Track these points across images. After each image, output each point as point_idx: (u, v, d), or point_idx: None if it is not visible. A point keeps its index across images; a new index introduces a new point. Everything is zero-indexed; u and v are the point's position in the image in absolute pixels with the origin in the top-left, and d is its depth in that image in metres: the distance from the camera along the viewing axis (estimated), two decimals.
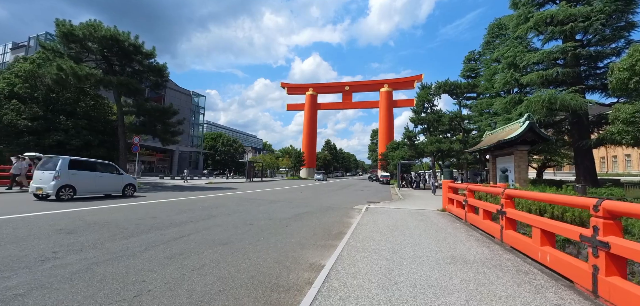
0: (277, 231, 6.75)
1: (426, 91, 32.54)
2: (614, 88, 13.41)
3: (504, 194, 5.68)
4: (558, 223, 4.05)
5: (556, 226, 3.98)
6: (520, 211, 5.50)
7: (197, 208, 10.17)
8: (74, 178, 11.72)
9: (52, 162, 11.62)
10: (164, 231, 6.33)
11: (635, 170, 49.57)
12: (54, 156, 12.27)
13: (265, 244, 5.57)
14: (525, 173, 15.01)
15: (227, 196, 15.44)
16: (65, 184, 11.37)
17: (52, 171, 11.21)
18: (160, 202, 11.56)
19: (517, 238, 5.12)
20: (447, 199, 10.74)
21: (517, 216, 5.18)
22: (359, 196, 18.89)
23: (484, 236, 6.41)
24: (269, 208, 10.81)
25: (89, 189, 12.49)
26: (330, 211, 10.95)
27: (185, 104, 62.37)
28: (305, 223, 8.08)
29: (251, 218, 8.36)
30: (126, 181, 14.12)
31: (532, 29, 17.63)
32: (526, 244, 4.74)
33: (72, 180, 11.61)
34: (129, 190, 14.06)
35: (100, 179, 13.02)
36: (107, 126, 23.51)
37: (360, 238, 6.01)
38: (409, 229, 7.03)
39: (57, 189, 11.04)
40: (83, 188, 12.12)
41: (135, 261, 4.28)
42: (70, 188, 11.56)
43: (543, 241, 4.31)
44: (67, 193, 11.41)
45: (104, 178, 13.19)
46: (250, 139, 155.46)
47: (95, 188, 12.78)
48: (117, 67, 22.27)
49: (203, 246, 5.27)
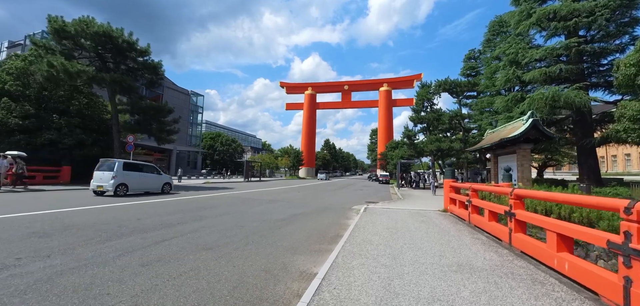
0: (269, 234, 6.32)
1: (426, 89, 32.12)
2: (620, 85, 12.99)
3: (513, 194, 5.25)
4: (579, 227, 3.62)
5: (577, 231, 3.55)
6: (533, 213, 5.06)
7: (188, 208, 9.73)
8: (126, 177, 13.68)
9: (109, 164, 13.53)
10: (147, 234, 5.89)
11: (635, 169, 49.25)
12: (110, 159, 14.34)
13: (253, 249, 5.13)
14: (528, 172, 14.60)
15: (222, 196, 14.99)
16: (121, 182, 13.31)
17: (110, 172, 13.11)
18: (151, 202, 11.11)
19: (528, 242, 4.69)
20: (449, 199, 10.32)
21: (528, 218, 4.75)
22: (358, 196, 18.46)
23: (490, 239, 5.99)
24: (263, 209, 10.37)
25: (137, 187, 14.39)
26: (327, 212, 10.52)
27: (183, 104, 61.90)
28: (300, 224, 7.65)
29: (243, 220, 7.92)
30: (164, 180, 16.29)
31: (534, 25, 17.22)
32: (539, 250, 4.31)
33: (125, 179, 13.58)
34: (166, 188, 16.11)
35: (145, 179, 15.01)
36: (102, 124, 23.03)
37: (358, 242, 5.57)
38: (409, 232, 6.60)
39: (115, 186, 12.98)
40: (133, 186, 14.05)
41: (104, 269, 3.84)
42: (124, 186, 13.50)
43: (560, 247, 3.88)
44: (122, 189, 13.31)
45: (147, 177, 15.21)
46: (249, 139, 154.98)
47: (142, 186, 14.71)
48: (111, 64, 21.79)
49: (185, 251, 4.83)
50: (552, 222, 4.01)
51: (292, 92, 78.79)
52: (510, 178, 11.37)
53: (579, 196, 3.76)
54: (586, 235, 3.37)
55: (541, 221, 4.30)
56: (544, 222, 4.18)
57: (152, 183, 15.39)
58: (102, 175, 13.25)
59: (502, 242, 5.68)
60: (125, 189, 13.56)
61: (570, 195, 4.08)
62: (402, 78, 72.18)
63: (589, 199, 3.49)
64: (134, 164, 14.89)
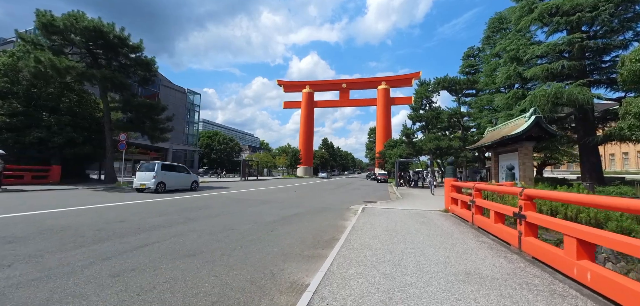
0: (260, 238, 5.88)
1: (425, 87, 31.74)
2: (625, 81, 12.63)
3: (523, 194, 4.85)
4: (606, 233, 3.22)
5: (603, 237, 3.14)
6: (547, 216, 4.64)
7: (177, 209, 9.27)
8: (164, 176, 15.90)
9: (149, 165, 15.89)
10: (127, 238, 5.44)
11: (633, 168, 49.22)
12: (151, 161, 16.98)
13: (241, 255, 4.70)
14: (530, 170, 14.24)
15: (216, 196, 14.53)
16: (160, 181, 15.45)
17: (151, 172, 15.36)
18: (139, 203, 10.64)
19: (542, 248, 4.28)
20: (450, 199, 9.93)
21: (542, 222, 4.34)
22: (356, 196, 18.06)
23: (497, 243, 5.59)
24: (257, 210, 9.93)
25: (172, 184, 16.49)
26: (324, 212, 10.10)
27: (180, 102, 61.23)
28: (294, 226, 7.21)
29: (234, 222, 7.47)
30: (193, 179, 18.51)
31: (536, 21, 16.85)
32: (556, 257, 3.91)
33: (163, 178, 15.80)
34: (194, 185, 18.31)
35: (178, 177, 17.21)
36: (93, 122, 22.44)
37: (355, 246, 5.15)
38: (410, 235, 6.18)
39: (156, 184, 15.15)
40: (169, 183, 16.19)
41: (68, 281, 3.39)
42: (163, 184, 15.67)
43: (580, 254, 3.48)
44: (161, 187, 15.45)
45: (180, 176, 17.44)
46: (247, 137, 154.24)
47: (175, 183, 16.82)
48: (103, 61, 21.24)
49: (166, 258, 4.39)
50: (571, 226, 3.60)
51: (289, 90, 78.25)
52: (513, 177, 11.00)
53: (598, 197, 3.37)
54: (617, 243, 2.96)
55: (558, 225, 3.89)
56: (562, 226, 3.77)
57: (183, 181, 17.59)
58: (144, 175, 15.45)
59: (510, 246, 5.28)
60: (163, 186, 15.69)
61: (588, 196, 3.67)
62: (400, 76, 71.84)
63: (610, 201, 3.08)
64: (170, 165, 17.25)
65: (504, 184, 10.26)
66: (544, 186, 11.35)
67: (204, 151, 70.77)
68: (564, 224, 3.75)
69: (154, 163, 15.80)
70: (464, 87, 30.90)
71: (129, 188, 17.85)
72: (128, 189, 17.48)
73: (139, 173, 15.82)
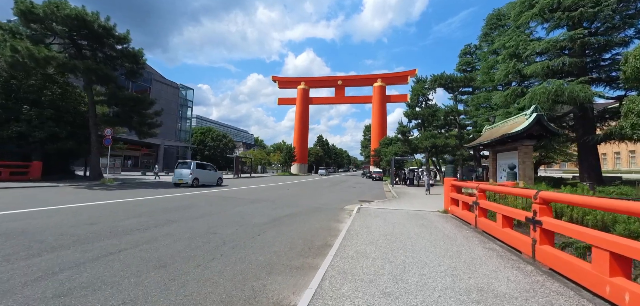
0: (244, 244, 5.28)
1: (421, 84, 31.31)
2: (628, 78, 12.28)
3: (538, 197, 4.32)
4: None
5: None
6: (569, 224, 4.09)
7: (158, 209, 8.61)
8: (198, 173, 18.26)
9: (186, 164, 18.36)
10: (91, 245, 4.80)
11: (625, 167, 49.66)
12: (188, 160, 18.52)
13: (220, 265, 4.09)
14: (531, 169, 13.88)
15: (204, 194, 13.85)
16: (195, 177, 17.83)
17: (188, 169, 17.79)
18: (119, 202, 9.94)
19: (561, 259, 3.76)
20: (450, 199, 9.44)
21: (564, 230, 3.81)
22: (351, 194, 17.53)
23: (506, 250, 5.07)
24: (245, 210, 9.31)
25: (204, 180, 18.74)
26: (317, 213, 9.52)
27: (172, 97, 60.02)
28: (284, 230, 6.63)
29: (218, 224, 6.85)
30: (219, 176, 20.76)
31: (536, 16, 16.46)
32: (581, 271, 3.39)
33: (198, 175, 18.17)
34: (220, 181, 20.48)
35: (208, 174, 19.42)
36: (77, 116, 21.47)
37: (350, 255, 4.59)
38: (410, 240, 5.64)
39: (192, 180, 17.51)
40: (202, 180, 18.49)
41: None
42: (197, 179, 17.99)
43: (614, 271, 2.96)
44: (196, 182, 17.79)
45: (209, 174, 19.67)
46: (241, 134, 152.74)
47: (206, 180, 19.02)
48: (88, 52, 20.30)
49: (130, 271, 3.77)
50: (602, 237, 3.08)
51: (284, 87, 77.39)
52: (514, 176, 10.56)
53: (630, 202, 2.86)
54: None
55: (585, 235, 3.37)
56: (591, 236, 3.25)
57: (211, 177, 19.74)
58: (182, 172, 17.96)
59: (522, 255, 4.77)
60: (198, 182, 18.07)
61: (624, 202, 3.15)
62: (396, 74, 71.47)
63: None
64: (201, 163, 19.63)
65: (505, 184, 9.81)
66: (545, 186, 10.95)
67: (197, 147, 69.61)
68: (594, 235, 3.22)
69: (190, 162, 18.37)
70: (461, 85, 30.57)
71: (113, 186, 17.07)
72: (112, 186, 16.71)
73: (177, 170, 18.25)
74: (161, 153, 52.55)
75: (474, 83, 28.63)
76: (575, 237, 3.55)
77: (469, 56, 32.09)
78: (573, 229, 3.61)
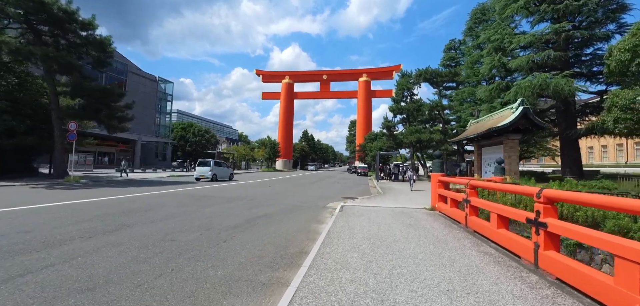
0: (205, 254, 4.49)
1: (406, 79, 31.04)
2: (612, 72, 12.24)
3: (541, 196, 3.77)
4: None
5: None
6: (584, 228, 3.49)
7: (116, 212, 7.62)
8: (216, 169, 21.42)
9: (206, 161, 21.48)
10: (11, 260, 3.87)
11: (597, 161, 51.77)
12: (207, 158, 22.85)
13: (164, 285, 3.30)
14: (516, 164, 13.66)
15: (174, 193, 12.81)
16: (214, 173, 20.90)
17: (208, 167, 20.85)
18: (73, 204, 8.83)
19: (573, 269, 3.21)
20: (438, 195, 8.95)
21: (575, 235, 3.26)
22: (335, 190, 16.91)
23: (503, 254, 4.54)
24: (217, 210, 8.46)
25: (220, 176, 21.76)
26: (297, 212, 8.80)
27: (150, 91, 57.42)
28: (256, 233, 5.86)
29: (179, 229, 6.00)
30: (230, 171, 24.47)
31: (521, 9, 16.28)
32: (600, 285, 2.83)
33: (216, 171, 21.31)
34: (231, 176, 23.80)
35: (223, 170, 22.81)
36: (39, 109, 19.68)
37: (328, 266, 3.90)
38: (397, 244, 5.03)
39: (212, 175, 20.51)
40: (219, 175, 21.56)
41: None
42: (216, 175, 21.04)
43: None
44: (214, 177, 20.85)
45: (224, 170, 23.12)
46: (225, 129, 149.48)
47: (222, 175, 22.10)
48: (49, 38, 18.57)
49: (43, 296, 2.92)
50: (631, 247, 2.52)
51: (268, 81, 75.80)
52: (502, 171, 10.22)
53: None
54: None
55: (605, 242, 2.81)
56: (614, 244, 2.69)
57: (225, 173, 23.01)
58: (203, 169, 20.90)
59: (521, 260, 4.24)
60: (216, 177, 21.12)
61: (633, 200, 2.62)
62: (381, 69, 71.42)
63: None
64: (218, 162, 23.13)
65: (494, 179, 9.42)
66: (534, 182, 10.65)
67: (178, 143, 67.10)
68: (618, 243, 2.66)
69: (209, 160, 21.59)
70: (446, 80, 30.52)
71: (78, 185, 15.68)
72: (77, 185, 15.33)
73: (198, 167, 21.22)
74: (138, 148, 50.17)
75: (459, 78, 28.61)
76: (593, 244, 3.01)
77: (453, 51, 32.08)
78: (588, 235, 3.06)
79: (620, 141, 46.57)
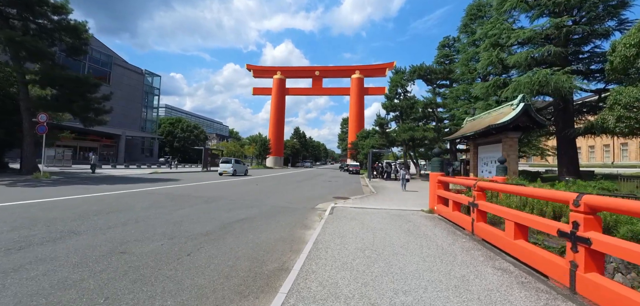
0: (157, 274, 3.56)
1: (400, 75, 30.40)
2: (615, 69, 11.70)
3: (581, 203, 2.99)
4: None
5: None
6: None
7: (72, 215, 6.58)
8: (236, 166, 25.25)
9: (228, 159, 25.89)
10: None
11: (585, 161, 52.45)
12: (228, 157, 29.84)
13: None
14: (515, 163, 13.08)
15: (149, 191, 11.73)
16: (234, 169, 24.65)
17: (229, 164, 24.74)
18: (23, 204, 7.73)
19: (630, 301, 2.44)
20: (437, 197, 8.20)
21: (627, 254, 2.48)
22: (325, 189, 16.08)
23: (525, 272, 3.76)
24: (192, 213, 7.50)
25: (238, 172, 25.26)
26: (282, 214, 7.91)
27: (136, 84, 55.41)
28: (229, 244, 4.95)
29: (138, 237, 5.03)
30: (246, 168, 28.63)
31: (520, 3, 15.69)
32: None
33: (236, 167, 25.06)
34: (247, 172, 28.10)
35: (240, 167, 26.51)
36: (6, 100, 18.18)
37: (313, 292, 3.04)
38: (397, 258, 4.20)
39: (233, 171, 24.29)
40: (237, 171, 25.22)
41: None
42: (235, 171, 24.68)
43: None
44: (235, 173, 24.42)
45: (241, 167, 26.81)
46: (215, 125, 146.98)
47: (240, 171, 25.87)
48: (17, 22, 17.10)
49: None
50: None
51: (260, 76, 74.37)
52: (505, 171, 9.53)
53: None
54: None
55: None
56: None
57: (242, 169, 26.78)
58: (225, 166, 24.46)
59: (548, 281, 3.46)
60: (236, 172, 24.66)
61: None
62: (374, 66, 70.84)
63: None
64: (237, 159, 27.52)
65: (496, 179, 8.72)
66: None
67: (165, 138, 65.13)
68: None
69: (230, 158, 26.22)
70: (440, 77, 29.98)
71: (46, 181, 14.40)
72: (45, 182, 14.06)
73: (221, 164, 24.84)
74: (122, 143, 48.27)
75: (453, 76, 28.09)
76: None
77: (448, 49, 31.56)
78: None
79: (607, 142, 47.15)
